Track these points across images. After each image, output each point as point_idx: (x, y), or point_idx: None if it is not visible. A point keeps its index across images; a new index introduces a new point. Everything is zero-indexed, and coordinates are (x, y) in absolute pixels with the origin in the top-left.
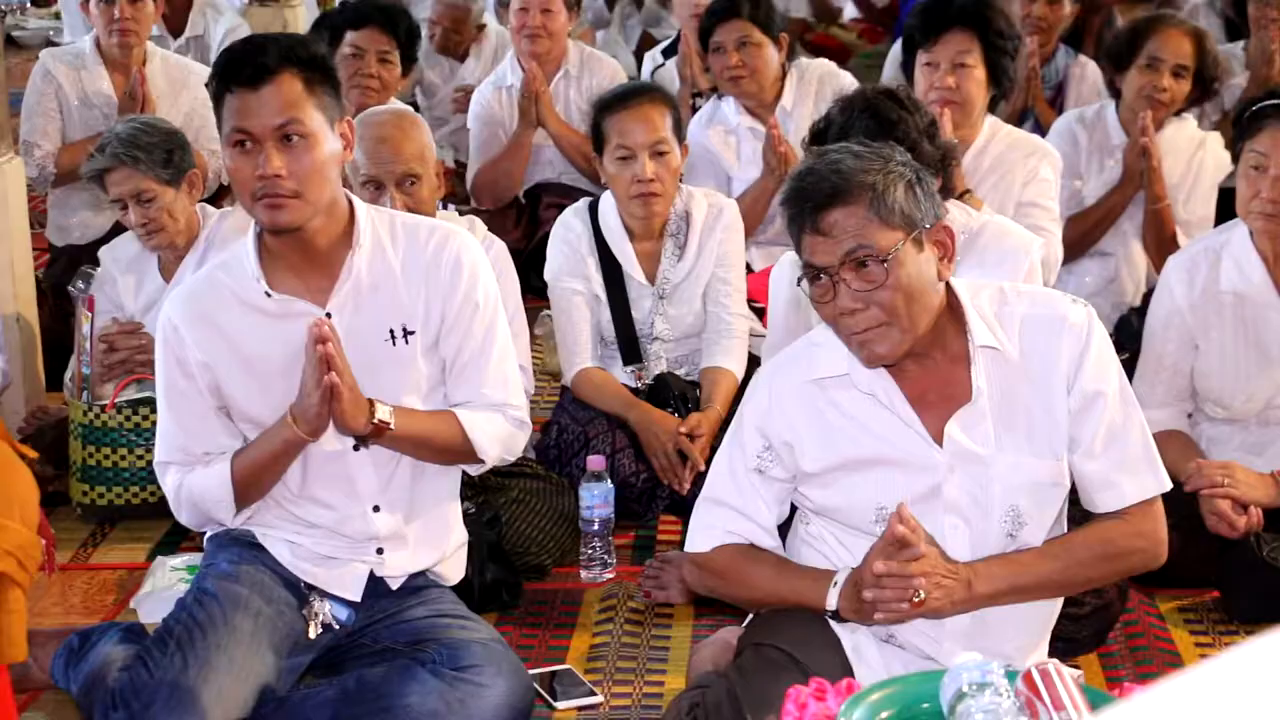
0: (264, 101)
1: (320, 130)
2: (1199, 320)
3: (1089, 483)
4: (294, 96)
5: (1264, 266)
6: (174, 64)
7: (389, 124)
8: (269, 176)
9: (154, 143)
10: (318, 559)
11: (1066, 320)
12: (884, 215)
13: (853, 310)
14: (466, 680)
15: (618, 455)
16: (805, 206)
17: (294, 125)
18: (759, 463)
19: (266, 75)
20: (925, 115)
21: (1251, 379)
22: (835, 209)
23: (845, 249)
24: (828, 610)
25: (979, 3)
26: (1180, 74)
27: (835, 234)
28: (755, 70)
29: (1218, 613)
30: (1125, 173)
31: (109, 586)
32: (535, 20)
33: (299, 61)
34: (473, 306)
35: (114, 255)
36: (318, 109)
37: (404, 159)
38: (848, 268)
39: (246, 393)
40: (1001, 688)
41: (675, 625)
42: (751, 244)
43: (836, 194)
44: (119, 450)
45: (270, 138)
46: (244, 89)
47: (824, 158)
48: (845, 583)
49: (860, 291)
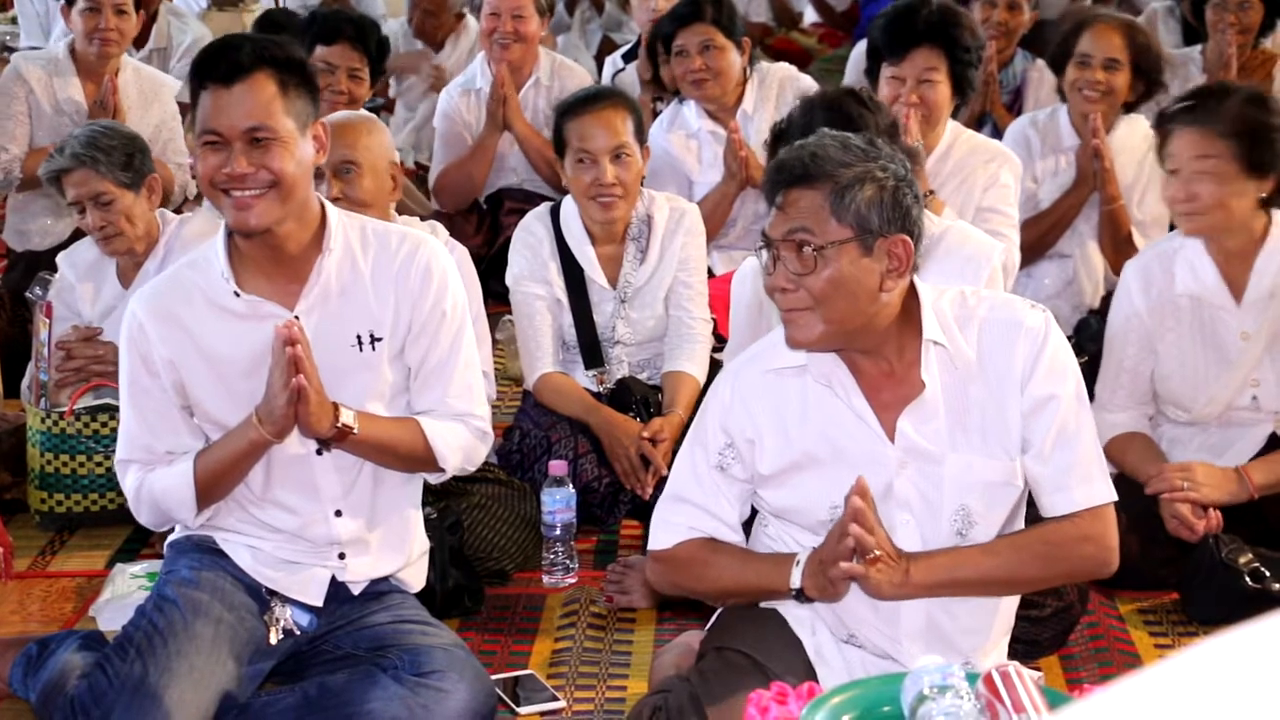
0: (235, 100)
1: (290, 133)
2: (1156, 324)
3: (1039, 486)
4: (266, 98)
5: (1216, 269)
6: (146, 75)
7: (339, 118)
8: (236, 176)
9: (114, 145)
10: (279, 564)
11: (1023, 324)
12: (837, 210)
13: (783, 288)
14: (428, 686)
15: (580, 460)
16: (778, 179)
17: (263, 128)
18: (721, 460)
19: (240, 73)
20: (886, 116)
21: (1210, 381)
22: (798, 188)
23: (789, 227)
24: (792, 589)
25: (945, 17)
26: (1111, 67)
27: (788, 211)
28: (718, 74)
29: (1177, 614)
30: (1079, 174)
31: (68, 594)
32: (507, 26)
33: (275, 62)
34: (440, 315)
35: (72, 261)
36: (289, 112)
37: (341, 145)
38: (787, 245)
39: (210, 392)
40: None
41: (638, 630)
42: (713, 248)
43: (804, 175)
44: (77, 457)
45: (239, 139)
46: (218, 85)
47: (819, 139)
48: (808, 561)
49: (793, 273)
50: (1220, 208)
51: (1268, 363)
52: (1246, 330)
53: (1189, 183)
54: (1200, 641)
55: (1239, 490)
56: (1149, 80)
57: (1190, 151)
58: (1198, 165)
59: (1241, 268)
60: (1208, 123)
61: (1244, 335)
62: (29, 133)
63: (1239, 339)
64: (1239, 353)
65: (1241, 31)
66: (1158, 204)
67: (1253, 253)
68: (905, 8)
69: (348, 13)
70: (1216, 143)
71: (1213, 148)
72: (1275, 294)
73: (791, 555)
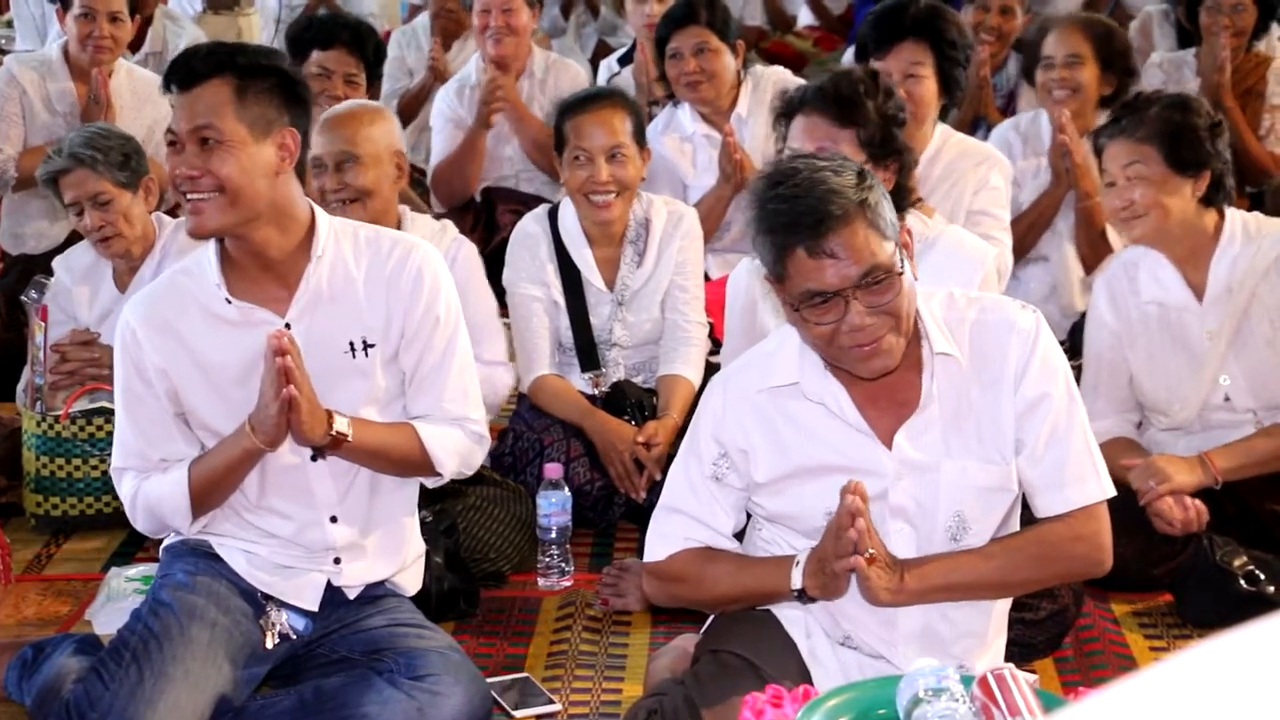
0: (189, 103)
1: (240, 138)
2: (1127, 333)
3: (1032, 487)
4: (217, 102)
5: (1176, 271)
6: (139, 77)
7: (341, 109)
8: (183, 177)
9: (110, 146)
10: (274, 569)
11: (1015, 325)
12: (881, 228)
13: (864, 325)
14: (424, 689)
15: (573, 463)
16: (803, 232)
17: (209, 130)
18: (715, 470)
19: (197, 78)
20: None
21: (1182, 384)
22: (839, 231)
23: (862, 270)
24: (793, 590)
25: (932, 13)
26: (1073, 63)
27: (844, 255)
28: (713, 76)
29: (1172, 617)
30: (1052, 174)
31: (63, 598)
32: (498, 21)
33: (235, 68)
34: (434, 319)
35: (68, 265)
36: (243, 118)
37: (341, 139)
38: (861, 287)
39: (204, 399)
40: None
41: (633, 633)
42: (708, 252)
43: (840, 215)
44: (73, 460)
45: (189, 140)
46: (179, 90)
47: (800, 178)
48: (808, 560)
49: (874, 306)
50: (1156, 207)
51: (1233, 359)
52: (1210, 329)
53: (1123, 190)
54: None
55: (1204, 475)
56: (1119, 72)
57: (1120, 161)
58: (1128, 172)
59: (1200, 268)
60: (1132, 131)
61: (1209, 334)
62: (23, 134)
63: (1205, 339)
64: (1204, 352)
65: (1235, 34)
66: None
67: (1209, 252)
68: (894, 4)
69: (344, 18)
70: (1142, 148)
71: (1138, 153)
72: (1233, 290)
73: (790, 557)
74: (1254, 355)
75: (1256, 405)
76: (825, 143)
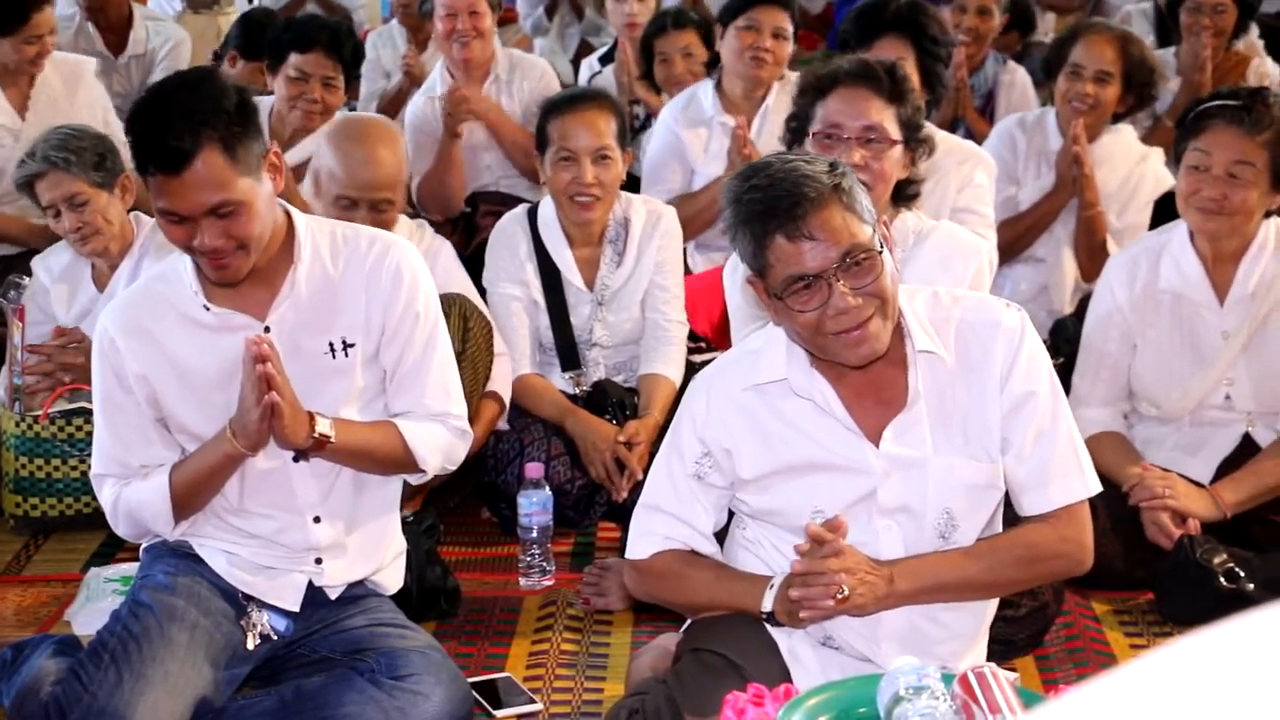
0: (188, 186)
1: (251, 192)
2: (1138, 318)
3: (1019, 485)
4: (218, 174)
5: (1201, 266)
6: (61, 61)
7: (374, 141)
8: (207, 249)
9: (84, 146)
10: (255, 569)
11: (1001, 324)
12: (858, 211)
13: (848, 308)
14: (405, 689)
15: (553, 462)
16: (780, 216)
17: (224, 206)
18: (697, 469)
19: (185, 159)
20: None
21: (1185, 378)
22: (816, 213)
23: (842, 250)
24: (763, 613)
25: (913, 9)
26: (1103, 80)
27: (822, 237)
28: (779, 61)
29: (1152, 614)
30: (1058, 180)
31: (42, 599)
32: (465, 24)
33: (216, 130)
34: (414, 316)
35: (47, 265)
36: (244, 171)
37: (385, 185)
38: (843, 268)
39: (184, 405)
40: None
41: (614, 632)
42: (695, 248)
43: (815, 198)
44: (52, 461)
45: (203, 216)
46: (165, 175)
47: (773, 169)
48: (780, 586)
49: (857, 288)
50: (1245, 214)
51: (1243, 363)
52: (1227, 330)
53: (1222, 184)
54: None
55: (1215, 510)
56: (1139, 93)
57: (1230, 154)
58: (1236, 169)
59: (1228, 268)
60: (1254, 129)
61: (1225, 335)
62: None
63: (1219, 338)
64: (1215, 351)
65: (1216, 34)
66: (1138, 215)
67: (1240, 254)
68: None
69: (322, 19)
70: (1260, 152)
71: (1255, 155)
72: (1257, 295)
73: (766, 578)
74: (1265, 360)
75: (1255, 408)
76: (868, 118)
